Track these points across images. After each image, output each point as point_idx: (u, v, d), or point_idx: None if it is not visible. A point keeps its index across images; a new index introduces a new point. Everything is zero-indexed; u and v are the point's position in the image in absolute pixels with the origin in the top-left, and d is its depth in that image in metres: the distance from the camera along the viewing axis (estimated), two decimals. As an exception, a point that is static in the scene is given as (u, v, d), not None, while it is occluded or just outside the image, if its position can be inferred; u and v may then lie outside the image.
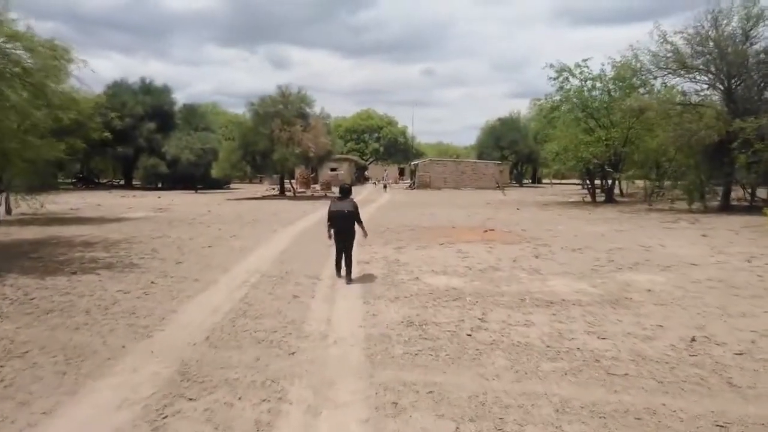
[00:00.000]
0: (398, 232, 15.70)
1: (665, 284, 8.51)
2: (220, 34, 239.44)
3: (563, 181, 71.48)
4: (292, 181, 43.86)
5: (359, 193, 40.79)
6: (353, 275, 8.95)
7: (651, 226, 17.06)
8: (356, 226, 9.06)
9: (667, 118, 21.22)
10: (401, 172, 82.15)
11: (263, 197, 36.84)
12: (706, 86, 22.48)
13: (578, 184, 62.39)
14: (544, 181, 76.46)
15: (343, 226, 8.87)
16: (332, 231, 8.89)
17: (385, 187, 45.86)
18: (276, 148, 34.01)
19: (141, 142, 47.56)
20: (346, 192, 9.18)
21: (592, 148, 25.98)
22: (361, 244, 13.12)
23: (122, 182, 56.28)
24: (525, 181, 72.10)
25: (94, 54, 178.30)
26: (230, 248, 12.56)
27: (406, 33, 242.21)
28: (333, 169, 55.42)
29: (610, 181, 28.84)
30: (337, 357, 5.38)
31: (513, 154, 62.64)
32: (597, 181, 30.85)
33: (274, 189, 43.64)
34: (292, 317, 6.77)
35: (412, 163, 63.82)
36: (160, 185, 50.83)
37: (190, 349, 5.64)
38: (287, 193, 39.36)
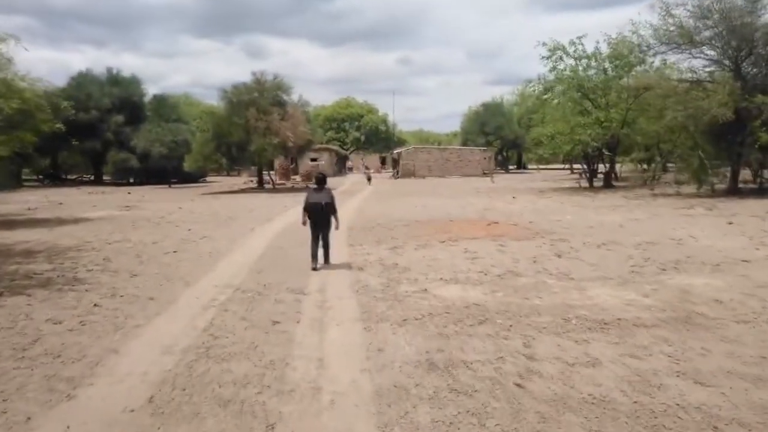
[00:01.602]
0: (390, 228, 14.01)
1: (730, 290, 6.95)
2: (194, 25, 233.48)
3: (549, 167, 70.43)
4: (271, 172, 41.84)
5: (342, 184, 38.99)
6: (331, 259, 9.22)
7: (667, 214, 15.61)
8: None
9: (673, 96, 19.75)
10: (382, 161, 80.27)
11: (241, 190, 34.83)
12: (710, 62, 21.01)
13: (565, 169, 61.33)
14: (529, 166, 75.38)
15: (320, 218, 8.96)
16: (308, 219, 9.04)
17: (369, 179, 40.82)
18: (252, 139, 31.96)
19: (109, 136, 44.90)
20: (321, 182, 9.16)
21: (590, 130, 24.46)
22: (352, 244, 11.49)
23: (92, 178, 53.56)
24: (510, 166, 70.83)
25: (66, 48, 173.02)
26: (198, 254, 10.74)
27: (382, 20, 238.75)
28: (313, 160, 53.41)
29: (607, 166, 27.35)
30: (336, 431, 3.68)
31: (498, 139, 61.19)
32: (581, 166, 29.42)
33: (252, 181, 41.55)
34: (271, 356, 5.06)
35: (395, 151, 62.02)
36: (131, 180, 48.39)
37: (124, 420, 3.90)
38: (266, 186, 37.37)
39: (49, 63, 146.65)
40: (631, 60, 23.92)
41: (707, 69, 20.89)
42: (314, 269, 8.74)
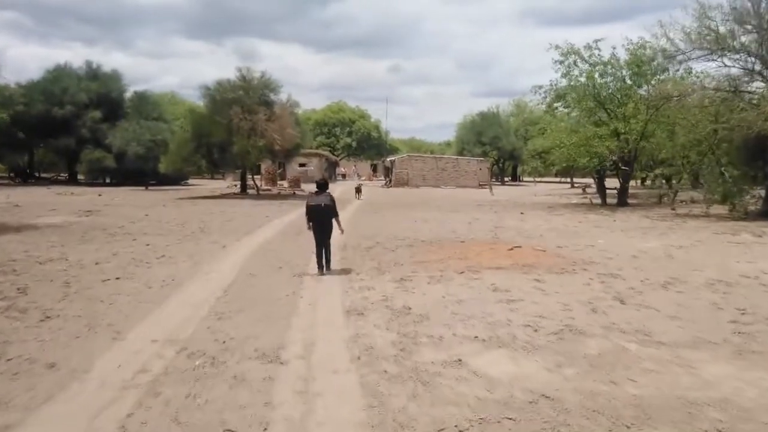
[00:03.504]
0: (392, 250, 11.68)
1: None
2: (186, 27, 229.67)
3: (545, 179, 68.62)
4: (257, 177, 39.20)
5: (332, 192, 36.43)
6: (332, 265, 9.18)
7: (710, 240, 13.43)
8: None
9: (710, 107, 17.63)
10: (374, 169, 77.93)
11: (222, 196, 32.21)
12: (746, 71, 18.90)
13: (562, 183, 59.42)
14: (525, 179, 73.47)
15: (321, 220, 9.09)
16: (311, 224, 9.12)
17: (358, 191, 32.14)
18: (235, 140, 29.41)
19: (84, 133, 42.10)
20: (323, 186, 9.47)
21: (608, 142, 22.29)
22: (346, 270, 9.19)
23: (67, 177, 50.62)
24: (505, 178, 68.80)
25: (56, 45, 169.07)
26: (146, 283, 8.28)
27: (375, 28, 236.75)
28: (302, 165, 50.93)
29: (621, 181, 25.12)
30: None
31: (495, 150, 59.08)
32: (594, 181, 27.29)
33: (235, 186, 38.90)
34: None
35: (388, 159, 59.67)
36: (107, 181, 45.59)
37: None
38: (250, 191, 34.80)
39: (38, 59, 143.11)
40: (653, 67, 21.83)
41: (744, 79, 18.77)
42: (321, 274, 8.87)
